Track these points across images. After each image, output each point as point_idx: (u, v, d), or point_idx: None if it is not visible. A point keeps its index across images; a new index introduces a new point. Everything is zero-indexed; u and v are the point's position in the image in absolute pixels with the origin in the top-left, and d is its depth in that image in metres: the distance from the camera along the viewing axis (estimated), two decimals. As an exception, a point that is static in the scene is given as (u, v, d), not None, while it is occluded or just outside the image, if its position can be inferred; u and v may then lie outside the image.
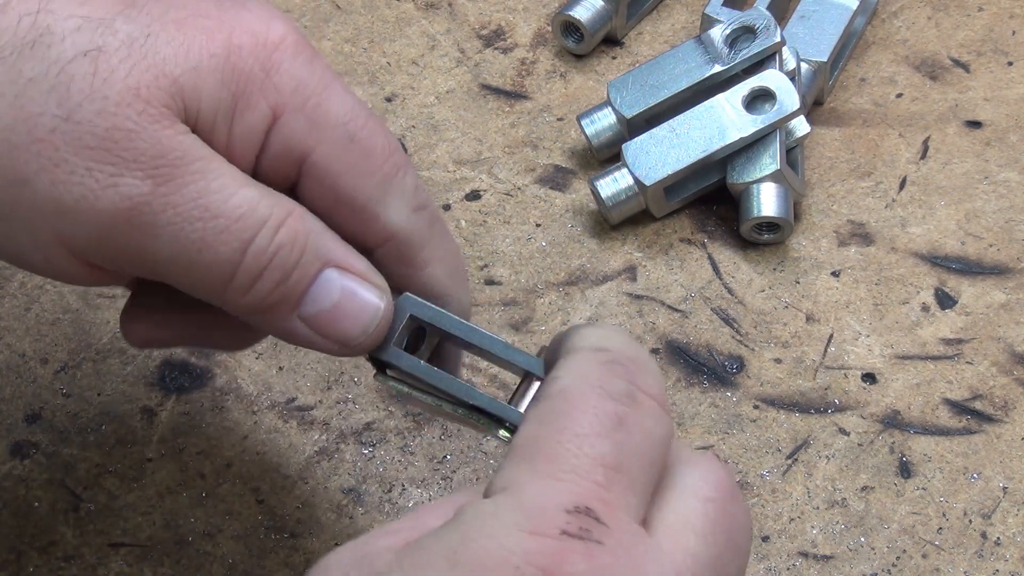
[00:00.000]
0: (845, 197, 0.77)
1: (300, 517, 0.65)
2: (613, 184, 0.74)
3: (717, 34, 0.76)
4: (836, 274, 0.74)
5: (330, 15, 0.85)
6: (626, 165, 0.74)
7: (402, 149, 0.54)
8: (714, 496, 0.45)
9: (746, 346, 0.71)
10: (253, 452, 0.67)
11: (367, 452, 0.67)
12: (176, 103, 0.49)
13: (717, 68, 0.76)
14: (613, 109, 0.77)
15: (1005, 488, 0.66)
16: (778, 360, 0.70)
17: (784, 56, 0.76)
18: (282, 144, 0.51)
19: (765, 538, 0.65)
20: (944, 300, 0.73)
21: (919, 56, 0.83)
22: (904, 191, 0.77)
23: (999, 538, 0.64)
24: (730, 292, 0.73)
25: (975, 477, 0.66)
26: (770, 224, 0.74)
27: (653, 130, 0.75)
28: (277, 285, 0.51)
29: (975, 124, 0.80)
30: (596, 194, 0.74)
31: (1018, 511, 0.65)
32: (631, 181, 0.74)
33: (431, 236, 0.55)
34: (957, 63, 0.82)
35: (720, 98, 0.74)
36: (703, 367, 0.70)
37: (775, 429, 0.68)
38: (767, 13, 0.76)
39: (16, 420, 0.68)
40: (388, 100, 0.81)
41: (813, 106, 0.80)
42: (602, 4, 0.82)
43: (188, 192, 0.49)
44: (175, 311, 0.55)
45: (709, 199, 0.76)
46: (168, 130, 0.49)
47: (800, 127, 0.76)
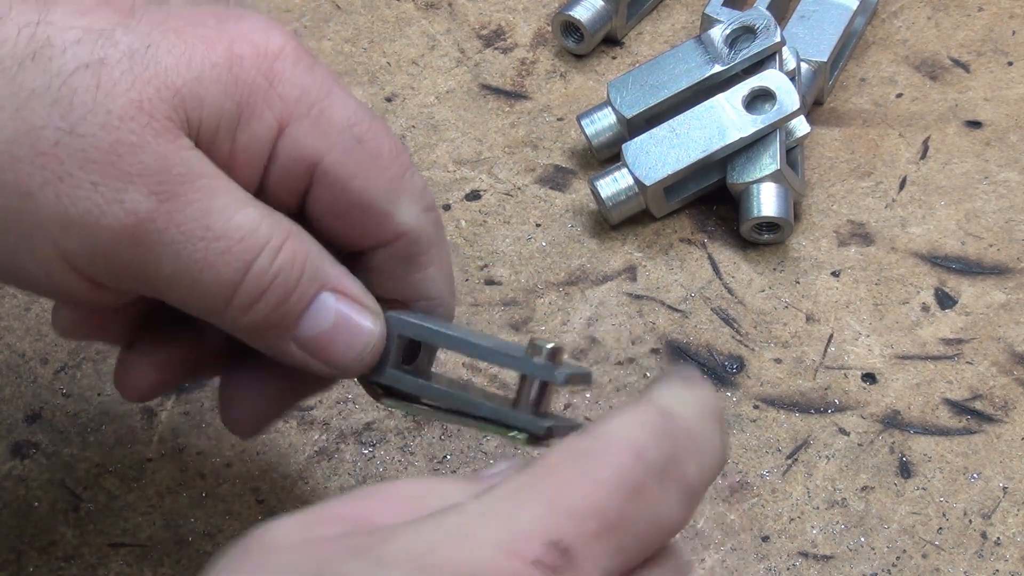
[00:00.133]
0: (845, 197, 0.77)
1: (300, 517, 0.65)
2: (613, 184, 0.74)
3: (717, 34, 0.76)
4: (836, 274, 0.74)
5: (330, 15, 0.85)
6: (626, 165, 0.74)
7: (407, 150, 0.54)
8: None
9: (746, 346, 0.71)
10: (253, 452, 0.67)
11: (367, 452, 0.67)
12: (179, 114, 0.49)
13: (717, 68, 0.76)
14: (613, 109, 0.77)
15: (1005, 488, 0.66)
16: (778, 360, 0.70)
17: (784, 56, 0.76)
18: (291, 153, 0.51)
19: (765, 538, 0.65)
20: (944, 300, 0.73)
21: (919, 56, 0.83)
22: (904, 191, 0.77)
23: (999, 538, 0.64)
24: (730, 292, 0.73)
25: (975, 477, 0.66)
26: (770, 224, 0.74)
27: (653, 130, 0.75)
28: (276, 307, 0.51)
29: (975, 124, 0.80)
30: (596, 194, 0.74)
31: (1018, 511, 0.65)
32: (631, 181, 0.74)
33: (436, 238, 0.55)
34: (957, 63, 0.82)
35: (720, 98, 0.74)
36: (703, 367, 0.70)
37: (775, 429, 0.68)
38: (767, 13, 0.76)
39: (16, 420, 0.68)
40: (388, 100, 0.81)
41: (813, 106, 0.80)
42: (602, 4, 0.82)
43: (192, 211, 0.49)
44: (269, 388, 0.56)
45: (709, 199, 0.76)
46: (171, 144, 0.48)
47: (800, 127, 0.76)
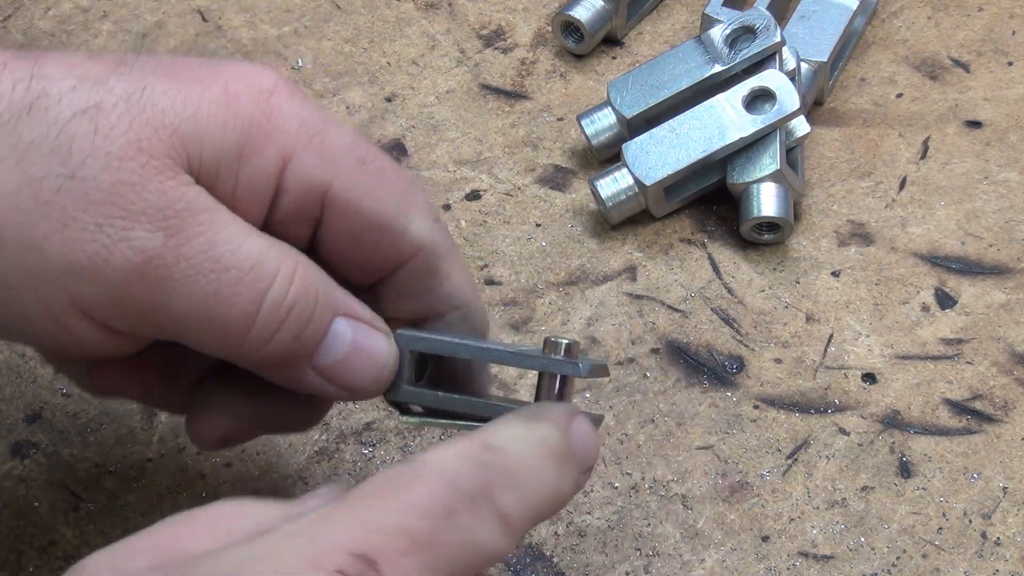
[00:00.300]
0: (845, 197, 0.77)
1: (300, 517, 0.65)
2: (613, 184, 0.74)
3: (717, 34, 0.76)
4: (836, 274, 0.74)
5: (330, 15, 0.85)
6: (626, 165, 0.74)
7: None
8: None
9: (746, 346, 0.71)
10: (253, 452, 0.67)
11: (367, 452, 0.67)
12: (178, 153, 0.49)
13: (717, 68, 0.76)
14: (613, 109, 0.77)
15: (1005, 488, 0.66)
16: (778, 360, 0.70)
17: (784, 56, 0.76)
18: (300, 183, 0.52)
19: (765, 538, 0.65)
20: (944, 300, 0.73)
21: (919, 56, 0.83)
22: (904, 191, 0.77)
23: (999, 538, 0.64)
24: (730, 292, 0.73)
25: (975, 477, 0.66)
26: (770, 224, 0.74)
27: (653, 130, 0.75)
28: (296, 337, 0.51)
29: (975, 124, 0.80)
30: (596, 194, 0.74)
31: (1018, 511, 0.65)
32: (631, 181, 0.74)
33: (451, 247, 0.55)
34: (957, 63, 0.82)
35: (720, 98, 0.74)
36: (703, 367, 0.70)
37: (775, 429, 0.68)
38: (767, 13, 0.76)
39: (16, 420, 0.68)
40: (388, 100, 0.81)
41: (813, 106, 0.80)
42: (602, 4, 0.82)
43: (198, 244, 0.49)
44: (237, 402, 0.55)
45: (709, 199, 0.76)
46: (172, 181, 0.49)
47: (800, 127, 0.76)
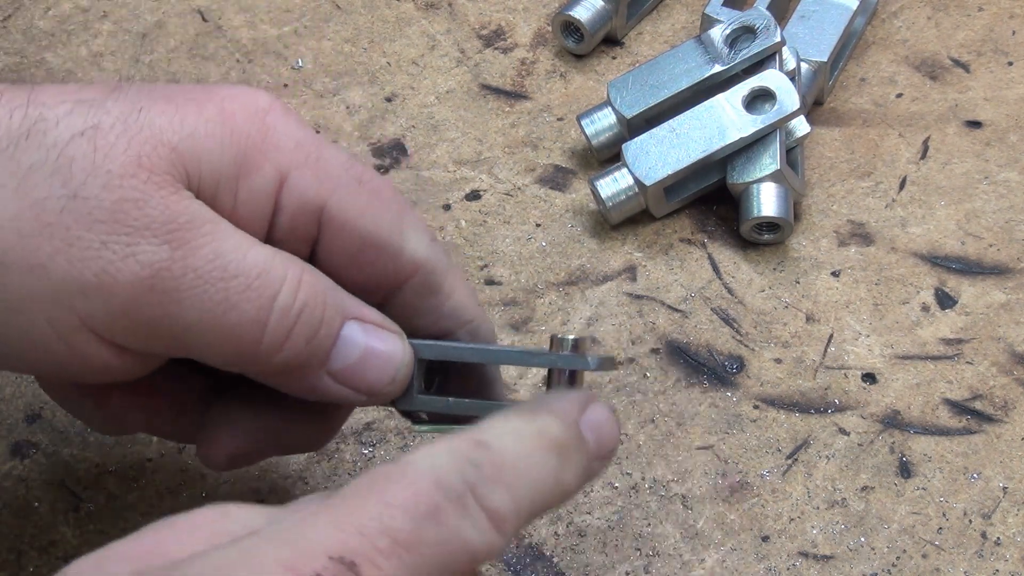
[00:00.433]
0: (845, 197, 0.77)
1: (300, 517, 0.65)
2: (613, 184, 0.74)
3: (717, 34, 0.76)
4: (836, 274, 0.74)
5: (330, 15, 0.85)
6: (626, 165, 0.74)
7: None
8: None
9: (746, 346, 0.71)
10: (253, 452, 0.67)
11: (367, 452, 0.67)
12: (177, 170, 0.49)
13: (717, 68, 0.76)
14: (613, 109, 0.77)
15: (1005, 488, 0.66)
16: (778, 360, 0.70)
17: (784, 56, 0.76)
18: (297, 201, 0.52)
19: (765, 538, 0.65)
20: (944, 300, 0.73)
21: (919, 56, 0.83)
22: (904, 191, 0.77)
23: (999, 538, 0.64)
24: (730, 292, 0.73)
25: (975, 477, 0.66)
26: (770, 224, 0.74)
27: (653, 130, 0.75)
28: (307, 342, 0.51)
29: (975, 124, 0.80)
30: (596, 194, 0.74)
31: (1018, 511, 0.65)
32: (631, 181, 0.74)
33: (451, 264, 0.55)
34: (957, 63, 0.82)
35: (720, 98, 0.75)
36: (703, 367, 0.70)
37: (775, 429, 0.68)
38: (767, 13, 0.76)
39: (16, 420, 0.68)
40: (388, 100, 0.81)
41: (813, 106, 0.80)
42: (602, 4, 0.82)
43: (204, 254, 0.49)
44: (248, 421, 0.55)
45: (709, 199, 0.76)
46: (174, 195, 0.49)
47: (800, 127, 0.76)
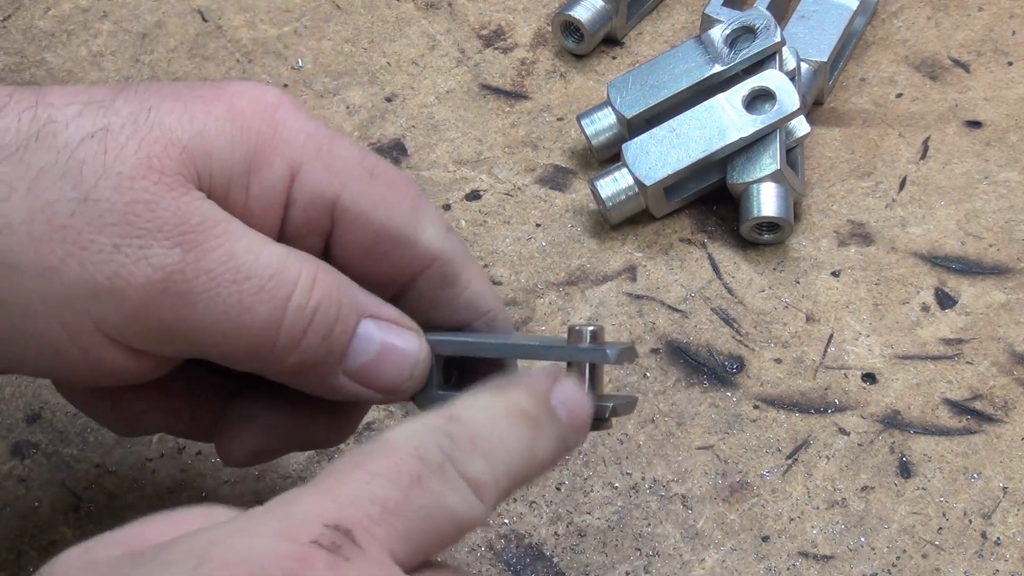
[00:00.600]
0: (845, 197, 0.77)
1: (300, 517, 0.65)
2: (613, 184, 0.74)
3: (717, 34, 0.76)
4: (836, 274, 0.74)
5: (330, 15, 0.85)
6: (626, 165, 0.74)
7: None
8: None
9: (746, 346, 0.71)
10: (253, 452, 0.67)
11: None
12: (188, 170, 0.49)
13: (717, 68, 0.76)
14: (613, 109, 0.77)
15: (1005, 488, 0.66)
16: (778, 360, 0.70)
17: (784, 56, 0.76)
18: (309, 195, 0.52)
19: (765, 538, 0.65)
20: (944, 300, 0.73)
21: (919, 56, 0.83)
22: (904, 191, 0.77)
23: (999, 538, 0.64)
24: (730, 292, 0.73)
25: (975, 477, 0.66)
26: (770, 224, 0.74)
27: (653, 130, 0.75)
28: (323, 341, 0.51)
29: (975, 124, 0.80)
30: (596, 194, 0.74)
31: (1018, 511, 0.65)
32: (631, 181, 0.74)
33: (467, 255, 0.55)
34: (957, 63, 0.82)
35: (720, 98, 0.74)
36: (703, 367, 0.70)
37: (775, 429, 0.68)
38: (767, 13, 0.76)
39: (16, 420, 0.68)
40: (388, 100, 0.81)
41: (813, 106, 0.80)
42: (602, 4, 0.82)
43: (217, 256, 0.49)
44: (267, 418, 0.55)
45: (709, 199, 0.76)
46: (185, 196, 0.49)
47: (800, 127, 0.76)
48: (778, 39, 0.76)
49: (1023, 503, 0.66)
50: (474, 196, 0.77)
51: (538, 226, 0.76)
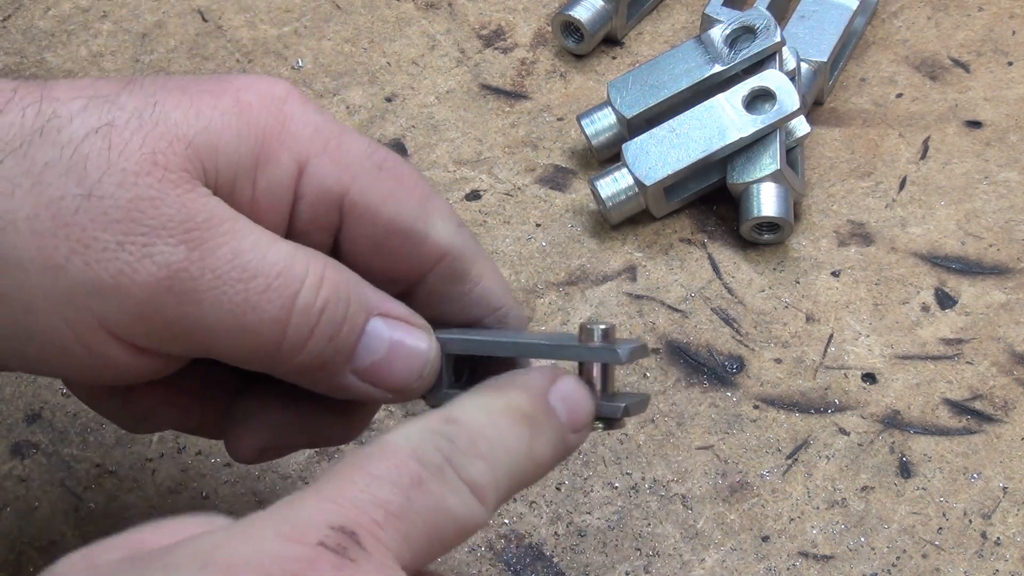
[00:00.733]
0: (845, 197, 0.77)
1: (300, 517, 0.65)
2: (613, 184, 0.74)
3: (717, 34, 0.76)
4: (836, 274, 0.74)
5: (330, 15, 0.85)
6: (626, 165, 0.74)
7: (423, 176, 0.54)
8: None
9: (746, 346, 0.71)
10: (253, 452, 0.67)
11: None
12: (194, 165, 0.49)
13: (717, 68, 0.76)
14: (613, 109, 0.77)
15: (1005, 488, 0.66)
16: (778, 360, 0.70)
17: (784, 56, 0.76)
18: (316, 189, 0.51)
19: (765, 538, 0.65)
20: (944, 300, 0.73)
21: (919, 56, 0.83)
22: (904, 191, 0.77)
23: (999, 538, 0.64)
24: (730, 292, 0.73)
25: (975, 477, 0.66)
26: (770, 224, 0.74)
27: (653, 130, 0.75)
28: (330, 340, 0.50)
29: (975, 124, 0.80)
30: (596, 194, 0.74)
31: (1018, 511, 0.65)
32: (631, 181, 0.74)
33: (478, 250, 0.55)
34: (957, 63, 0.82)
35: (720, 98, 0.74)
36: (703, 367, 0.70)
37: (775, 429, 0.68)
38: (767, 13, 0.76)
39: (16, 420, 0.68)
40: (388, 100, 0.81)
41: (813, 106, 0.80)
42: (602, 4, 0.82)
43: (222, 254, 0.48)
44: (276, 414, 0.55)
45: (709, 199, 0.76)
46: (191, 193, 0.48)
47: (800, 127, 0.76)
48: (778, 39, 0.76)
49: (1023, 503, 0.66)
50: (474, 196, 0.77)
51: (538, 226, 0.76)
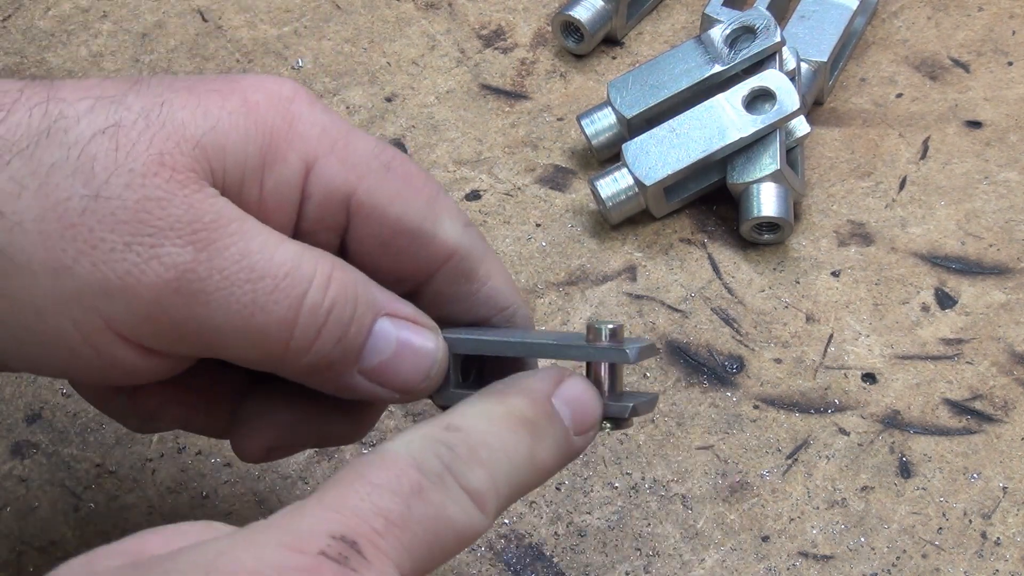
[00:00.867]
0: (845, 197, 0.77)
1: (300, 517, 0.65)
2: (613, 184, 0.74)
3: (717, 34, 0.76)
4: (836, 274, 0.74)
5: (330, 15, 0.85)
6: (626, 165, 0.74)
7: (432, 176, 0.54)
8: None
9: (746, 346, 0.71)
10: (253, 452, 0.67)
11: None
12: (201, 166, 0.49)
13: (717, 68, 0.76)
14: (613, 109, 0.77)
15: (1005, 488, 0.66)
16: (778, 360, 0.70)
17: (784, 56, 0.76)
18: (324, 189, 0.51)
19: (765, 538, 0.65)
20: (944, 300, 0.73)
21: (919, 56, 0.83)
22: (904, 191, 0.77)
23: (999, 538, 0.64)
24: (730, 292, 0.73)
25: (975, 477, 0.66)
26: (770, 224, 0.74)
27: (653, 130, 0.75)
28: (338, 341, 0.50)
29: (975, 124, 0.80)
30: (596, 194, 0.74)
31: (1018, 511, 0.65)
32: (631, 181, 0.74)
33: (486, 249, 0.55)
34: (957, 63, 0.82)
35: (720, 98, 0.74)
36: (703, 367, 0.70)
37: (775, 429, 0.68)
38: (767, 13, 0.76)
39: (16, 420, 0.68)
40: (388, 100, 0.81)
41: (813, 106, 0.80)
42: (602, 4, 0.82)
43: (230, 255, 0.48)
44: (283, 414, 0.55)
45: (709, 199, 0.76)
46: (198, 194, 0.48)
47: (800, 127, 0.76)
48: (778, 39, 0.76)
49: (1023, 503, 0.66)
50: (474, 196, 0.77)
51: (538, 226, 0.76)
